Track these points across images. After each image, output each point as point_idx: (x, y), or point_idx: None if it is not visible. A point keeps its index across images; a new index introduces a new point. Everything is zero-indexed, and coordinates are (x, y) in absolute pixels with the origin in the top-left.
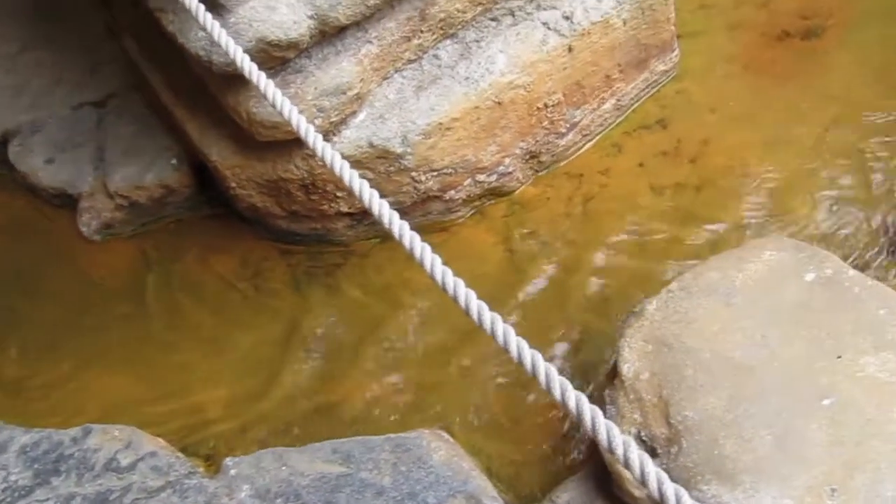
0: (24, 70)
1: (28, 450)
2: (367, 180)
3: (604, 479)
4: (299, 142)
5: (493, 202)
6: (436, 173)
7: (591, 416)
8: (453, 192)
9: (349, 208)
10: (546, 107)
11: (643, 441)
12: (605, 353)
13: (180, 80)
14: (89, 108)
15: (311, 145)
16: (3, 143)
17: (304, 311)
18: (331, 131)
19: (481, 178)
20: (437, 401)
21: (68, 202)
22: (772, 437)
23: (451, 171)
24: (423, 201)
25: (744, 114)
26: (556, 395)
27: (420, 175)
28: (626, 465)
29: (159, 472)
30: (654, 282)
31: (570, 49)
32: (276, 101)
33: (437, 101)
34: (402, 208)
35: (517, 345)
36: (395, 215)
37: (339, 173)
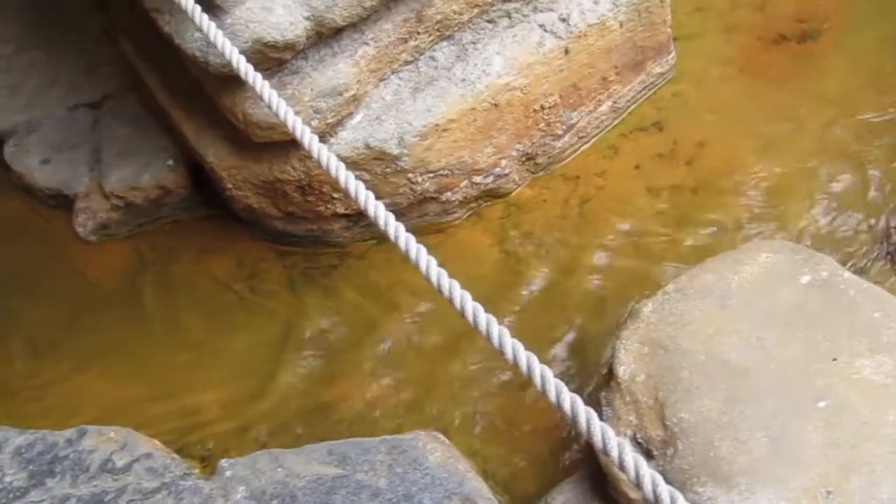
0: (19, 71)
1: (23, 451)
2: (363, 182)
3: (600, 480)
4: (296, 143)
5: (489, 204)
6: (432, 175)
7: (586, 418)
8: (450, 193)
9: (346, 210)
10: (542, 109)
11: (639, 443)
12: (601, 355)
13: (177, 81)
14: (85, 108)
15: (307, 147)
16: None
17: (300, 312)
18: (327, 133)
19: (478, 179)
20: (432, 402)
21: (64, 203)
22: (767, 440)
23: (447, 172)
24: (420, 203)
25: (740, 116)
26: (552, 398)
27: (416, 176)
28: (621, 467)
29: (155, 473)
30: (650, 284)
31: (567, 51)
32: (271, 102)
33: (434, 102)
34: (398, 210)
35: (512, 347)
36: (391, 217)
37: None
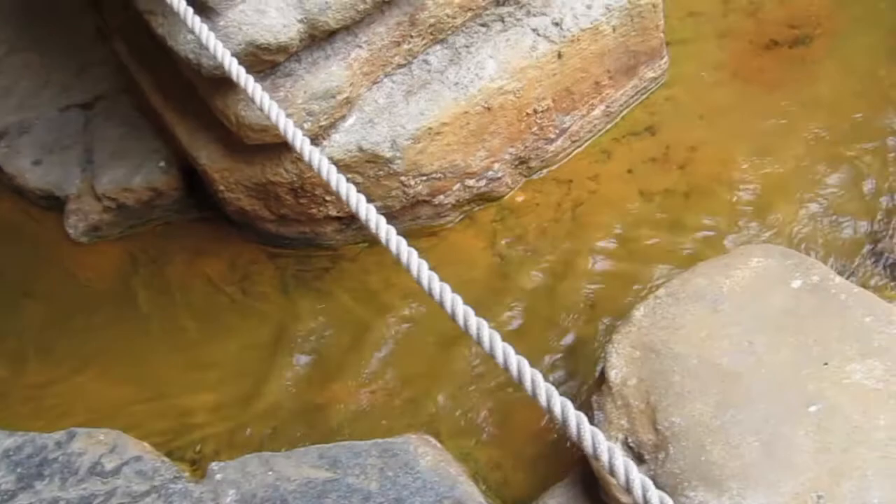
0: (11, 71)
1: (11, 454)
2: (356, 185)
3: (591, 484)
4: (288, 145)
5: (482, 207)
6: (425, 178)
7: (576, 422)
8: (442, 196)
9: (338, 212)
10: (535, 112)
11: (630, 447)
12: (593, 359)
13: (169, 83)
14: (77, 109)
15: (298, 149)
16: None
17: (292, 315)
18: (320, 135)
19: (470, 183)
20: (424, 406)
21: (55, 204)
22: (759, 444)
23: (440, 175)
24: (413, 206)
25: (732, 121)
26: (542, 402)
27: (409, 179)
28: (611, 471)
29: (144, 476)
30: (641, 288)
31: (560, 55)
32: (263, 104)
33: (427, 105)
34: (391, 213)
35: (503, 350)
36: (382, 220)
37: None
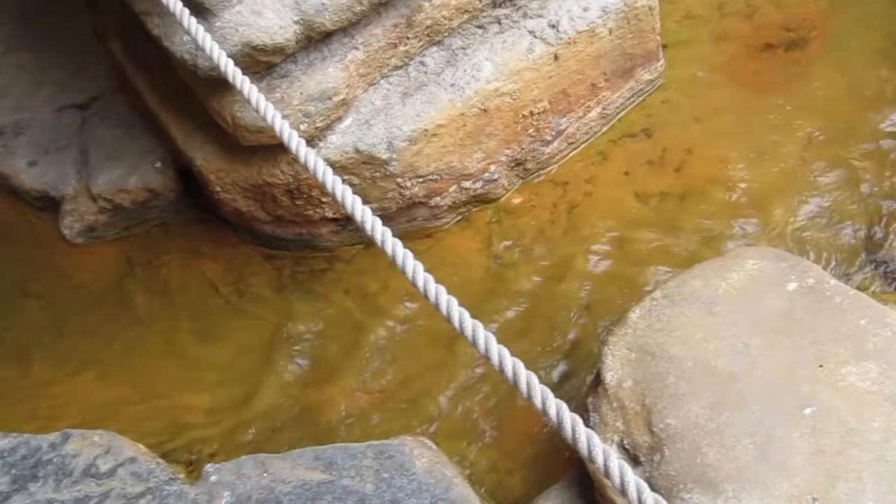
0: (7, 72)
1: (5, 455)
2: (352, 186)
3: (587, 486)
4: (284, 146)
5: (478, 209)
6: (421, 179)
7: (571, 424)
8: (438, 198)
9: (334, 214)
10: (532, 114)
11: (626, 449)
12: (589, 361)
13: (165, 84)
14: (73, 110)
15: (294, 150)
16: None
17: (288, 316)
18: (316, 137)
19: (467, 184)
20: (420, 408)
21: (51, 205)
22: (754, 446)
23: (436, 177)
24: (409, 207)
25: (728, 123)
26: (537, 404)
27: (405, 181)
28: (606, 474)
29: (139, 478)
30: (637, 290)
31: (556, 57)
32: (259, 105)
33: (423, 107)
34: (387, 214)
35: (498, 352)
36: (378, 221)
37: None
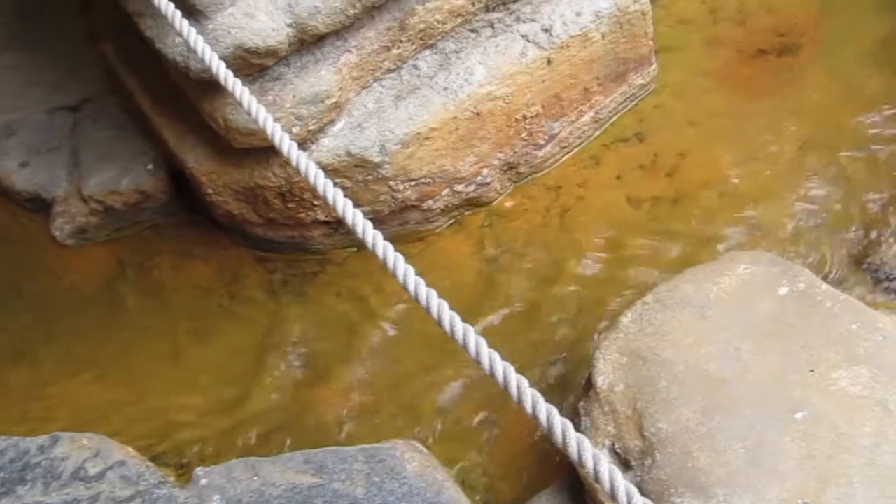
0: (1, 72)
1: None
2: (344, 189)
3: (578, 490)
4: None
5: (470, 212)
6: (413, 183)
7: (561, 429)
8: (431, 201)
9: (326, 217)
10: (524, 118)
11: (617, 453)
12: (580, 365)
13: (158, 86)
14: (65, 111)
15: (285, 153)
16: None
17: (279, 319)
18: (309, 139)
19: (459, 188)
20: (411, 411)
21: (42, 206)
22: (745, 450)
23: (428, 180)
24: (401, 210)
25: (720, 128)
26: (528, 408)
27: (398, 184)
28: (596, 478)
29: (128, 481)
30: (629, 294)
31: (549, 61)
32: (250, 108)
33: (416, 110)
34: (379, 217)
35: (489, 357)
36: (369, 225)
37: (312, 182)
